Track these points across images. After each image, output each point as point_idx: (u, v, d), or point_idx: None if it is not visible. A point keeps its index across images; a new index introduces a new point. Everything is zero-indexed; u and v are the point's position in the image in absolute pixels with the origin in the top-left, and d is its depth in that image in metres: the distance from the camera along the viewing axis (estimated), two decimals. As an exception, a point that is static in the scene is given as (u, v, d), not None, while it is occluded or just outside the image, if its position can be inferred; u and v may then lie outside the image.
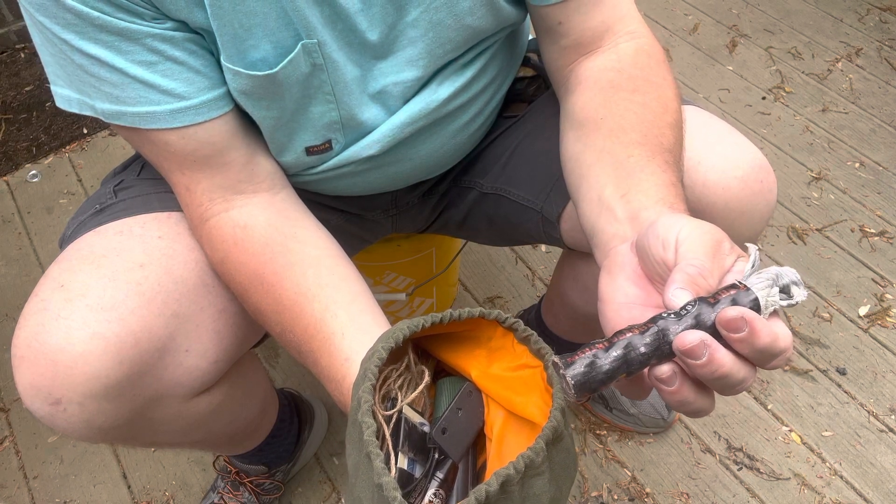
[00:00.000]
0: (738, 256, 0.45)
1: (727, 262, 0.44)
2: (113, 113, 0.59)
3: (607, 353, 0.41)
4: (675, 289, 0.42)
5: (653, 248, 0.47)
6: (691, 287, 0.42)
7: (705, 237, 0.44)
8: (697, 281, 0.42)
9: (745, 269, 0.43)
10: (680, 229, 0.45)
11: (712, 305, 0.41)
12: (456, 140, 0.78)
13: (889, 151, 1.76)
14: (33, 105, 1.87)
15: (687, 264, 0.43)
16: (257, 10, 0.57)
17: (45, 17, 0.55)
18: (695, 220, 0.46)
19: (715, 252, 0.44)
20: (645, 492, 1.18)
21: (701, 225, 0.45)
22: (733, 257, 0.45)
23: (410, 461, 0.49)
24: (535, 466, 0.43)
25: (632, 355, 0.41)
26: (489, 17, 0.66)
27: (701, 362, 0.40)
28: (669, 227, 0.46)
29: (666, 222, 0.47)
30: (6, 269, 1.52)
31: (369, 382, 0.45)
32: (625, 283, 0.49)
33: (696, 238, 0.44)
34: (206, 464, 1.22)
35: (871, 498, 1.17)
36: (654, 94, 0.64)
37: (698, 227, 0.45)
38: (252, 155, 0.67)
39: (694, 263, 0.43)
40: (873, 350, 1.37)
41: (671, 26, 2.13)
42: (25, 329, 0.60)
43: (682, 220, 0.46)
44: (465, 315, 0.49)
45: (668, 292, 0.42)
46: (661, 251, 0.46)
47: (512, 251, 1.54)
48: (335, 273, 0.64)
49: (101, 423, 0.62)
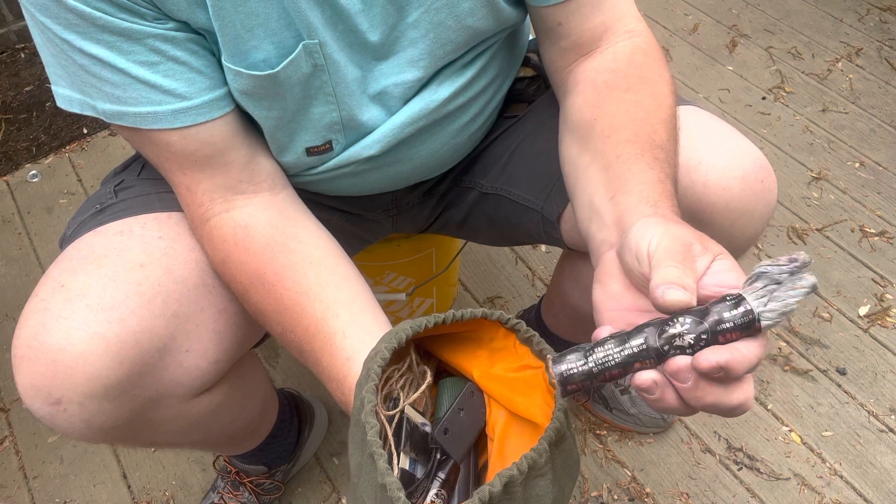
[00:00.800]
0: (714, 256, 0.44)
1: (700, 265, 0.44)
2: (114, 113, 0.59)
3: (589, 355, 0.42)
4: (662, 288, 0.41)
5: (629, 261, 0.47)
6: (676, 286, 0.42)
7: (674, 244, 0.44)
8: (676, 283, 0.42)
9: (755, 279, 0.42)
10: (650, 240, 0.45)
11: (701, 319, 0.41)
12: (456, 140, 0.78)
13: (889, 151, 1.76)
14: (33, 105, 1.87)
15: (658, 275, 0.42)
16: (259, 11, 0.57)
17: (46, 18, 0.55)
18: (664, 226, 0.46)
19: (685, 256, 0.43)
20: (645, 492, 1.18)
21: (669, 231, 0.45)
22: (708, 257, 0.44)
23: (412, 461, 0.49)
24: (539, 467, 0.43)
25: (614, 361, 0.41)
26: (490, 18, 0.66)
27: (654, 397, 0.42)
28: (640, 238, 0.46)
29: (637, 233, 0.47)
30: (6, 269, 1.52)
31: (372, 382, 0.45)
32: (617, 291, 0.50)
33: (665, 247, 0.44)
34: (206, 464, 1.22)
35: (871, 498, 1.17)
36: (647, 91, 0.64)
37: (666, 235, 0.45)
38: (253, 155, 0.67)
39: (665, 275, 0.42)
40: (873, 350, 1.37)
41: (671, 26, 2.13)
42: (26, 329, 0.60)
43: (651, 228, 0.46)
44: (467, 315, 0.49)
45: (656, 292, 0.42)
46: (637, 264, 0.46)
47: (512, 251, 1.54)
48: (336, 273, 0.64)
49: (102, 423, 0.62)
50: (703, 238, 0.45)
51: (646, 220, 0.48)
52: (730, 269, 0.44)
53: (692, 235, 0.45)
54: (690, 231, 0.46)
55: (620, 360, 0.41)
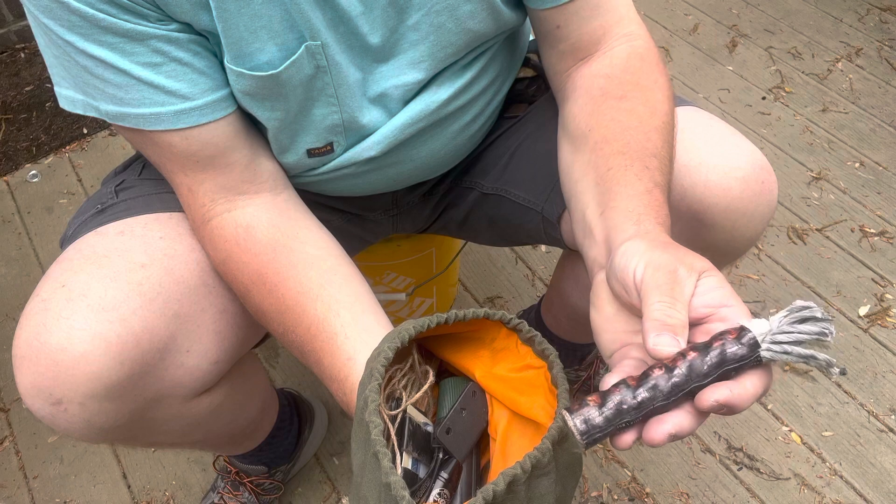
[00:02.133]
0: (700, 273, 0.45)
1: (687, 291, 0.44)
2: (117, 114, 0.59)
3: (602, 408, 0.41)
4: (653, 338, 0.42)
5: (616, 289, 0.48)
6: (666, 330, 0.42)
7: (657, 275, 0.44)
8: (667, 322, 0.42)
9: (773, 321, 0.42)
10: (633, 270, 0.46)
11: (703, 355, 0.41)
12: (456, 141, 0.78)
13: (889, 151, 1.76)
14: (33, 105, 1.87)
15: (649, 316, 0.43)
16: (262, 13, 0.57)
17: (49, 20, 0.55)
18: (648, 253, 0.46)
19: (673, 286, 0.44)
20: (645, 492, 1.18)
21: (652, 260, 0.45)
22: (693, 278, 0.44)
23: (414, 461, 0.49)
24: (542, 466, 0.43)
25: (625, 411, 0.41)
26: (490, 21, 0.66)
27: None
28: (625, 268, 0.47)
29: (621, 261, 0.47)
30: (6, 269, 1.52)
31: (376, 382, 0.45)
32: (611, 314, 0.50)
33: (650, 278, 0.44)
34: (206, 464, 1.22)
35: (871, 498, 1.17)
36: (641, 98, 0.64)
37: (650, 265, 0.45)
38: (255, 156, 0.67)
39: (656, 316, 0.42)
40: (873, 350, 1.37)
41: (671, 26, 2.13)
42: (27, 329, 0.60)
43: (634, 256, 0.47)
44: (469, 315, 0.49)
45: (648, 344, 0.42)
46: (625, 294, 0.47)
47: (512, 251, 1.54)
48: (338, 273, 0.64)
49: (102, 423, 0.62)
50: (685, 257, 0.46)
51: (628, 246, 0.48)
52: (715, 286, 0.44)
53: (674, 259, 0.45)
54: (672, 253, 0.46)
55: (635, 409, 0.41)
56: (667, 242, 0.49)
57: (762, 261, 1.51)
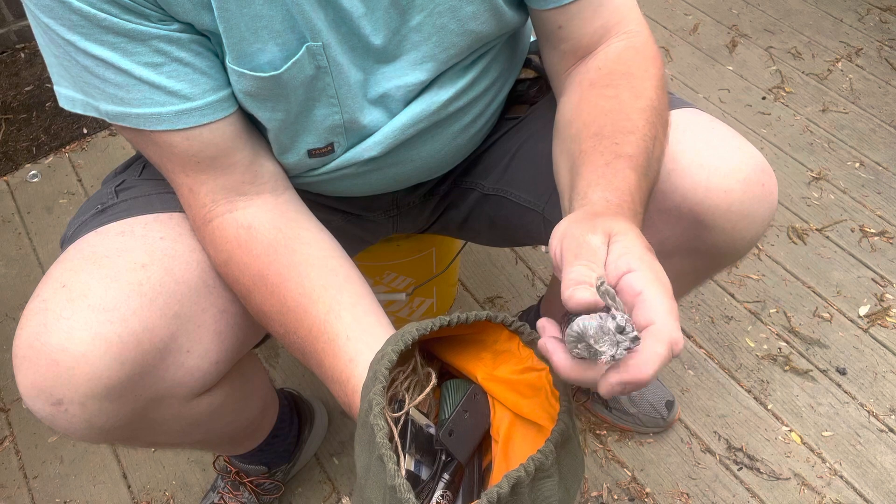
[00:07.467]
0: (609, 237, 0.46)
1: (600, 255, 0.46)
2: (117, 114, 0.59)
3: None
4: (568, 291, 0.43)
5: (555, 274, 0.50)
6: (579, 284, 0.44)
7: (571, 244, 0.46)
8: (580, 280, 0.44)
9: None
10: (555, 248, 0.48)
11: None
12: (457, 142, 0.78)
13: (889, 151, 1.76)
14: (33, 105, 1.87)
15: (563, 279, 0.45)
16: (264, 13, 0.57)
17: (50, 19, 0.54)
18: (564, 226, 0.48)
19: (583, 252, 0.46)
20: (645, 492, 1.18)
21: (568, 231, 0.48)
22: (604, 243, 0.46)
23: (417, 463, 0.49)
24: (545, 469, 0.43)
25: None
26: (492, 23, 0.66)
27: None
28: (551, 249, 0.49)
29: (549, 244, 0.50)
30: (6, 269, 1.52)
31: (380, 385, 0.45)
32: None
33: (566, 250, 0.47)
34: (206, 464, 1.22)
35: (871, 498, 1.17)
36: (627, 85, 0.64)
37: (566, 236, 0.47)
38: (255, 156, 0.67)
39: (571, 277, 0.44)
40: (873, 350, 1.37)
41: (671, 26, 2.13)
42: (27, 329, 0.59)
43: (556, 233, 0.49)
44: (472, 318, 0.49)
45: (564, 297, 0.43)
46: (558, 274, 0.48)
47: (512, 251, 1.54)
48: (339, 274, 0.64)
49: (103, 423, 0.62)
50: (598, 223, 0.47)
51: (555, 227, 0.50)
52: (622, 252, 0.46)
53: (587, 228, 0.47)
54: (587, 222, 0.48)
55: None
56: (589, 212, 0.51)
57: (762, 261, 1.51)
